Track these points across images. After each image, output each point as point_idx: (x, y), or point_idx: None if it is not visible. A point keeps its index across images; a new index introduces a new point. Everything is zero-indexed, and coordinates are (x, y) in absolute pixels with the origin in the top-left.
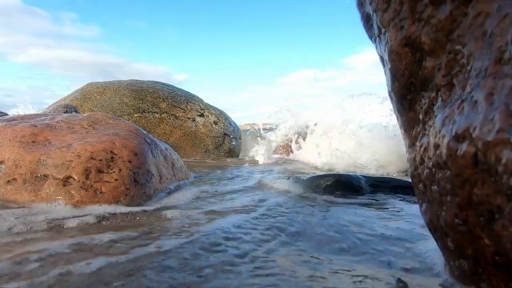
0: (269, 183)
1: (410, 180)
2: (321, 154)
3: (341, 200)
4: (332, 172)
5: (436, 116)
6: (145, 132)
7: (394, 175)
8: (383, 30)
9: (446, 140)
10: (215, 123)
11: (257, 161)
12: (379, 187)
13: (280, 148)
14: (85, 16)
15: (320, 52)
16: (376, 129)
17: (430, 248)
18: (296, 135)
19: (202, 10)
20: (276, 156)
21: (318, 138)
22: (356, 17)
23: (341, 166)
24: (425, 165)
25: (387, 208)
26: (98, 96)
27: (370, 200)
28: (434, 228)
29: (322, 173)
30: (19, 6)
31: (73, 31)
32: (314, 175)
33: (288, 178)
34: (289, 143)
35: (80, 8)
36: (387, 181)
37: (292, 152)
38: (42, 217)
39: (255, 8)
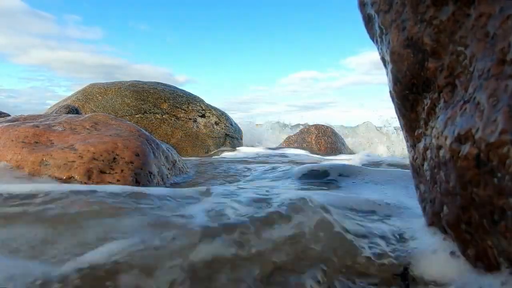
0: None
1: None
2: None
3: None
4: None
5: (438, 117)
6: (146, 133)
7: None
8: (384, 31)
9: (448, 141)
10: (216, 123)
11: None
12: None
13: None
14: (89, 18)
15: (319, 54)
16: None
17: None
18: None
19: (203, 11)
20: None
21: None
22: (354, 19)
23: None
24: (427, 166)
25: None
26: (100, 97)
27: None
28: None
29: None
30: (26, 10)
31: (77, 33)
32: None
33: None
34: None
35: (84, 11)
36: None
37: None
38: None
39: (256, 10)
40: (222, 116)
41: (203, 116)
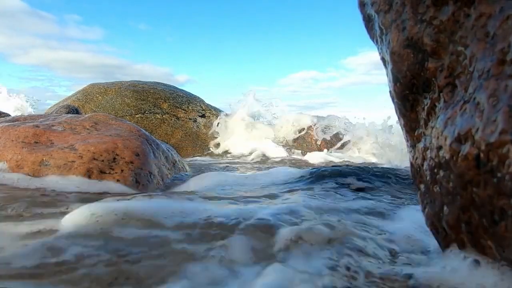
0: None
1: None
2: None
3: None
4: None
5: (438, 117)
6: (146, 133)
7: None
8: (384, 31)
9: (448, 141)
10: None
11: None
12: None
13: None
14: (89, 18)
15: (320, 54)
16: None
17: None
18: None
19: (203, 12)
20: None
21: None
22: (354, 19)
23: None
24: (427, 166)
25: None
26: (100, 97)
27: None
28: (436, 229)
29: None
30: (26, 9)
31: (77, 33)
32: None
33: None
34: None
35: (85, 11)
36: None
37: None
38: None
39: (255, 10)
40: None
41: (203, 116)
